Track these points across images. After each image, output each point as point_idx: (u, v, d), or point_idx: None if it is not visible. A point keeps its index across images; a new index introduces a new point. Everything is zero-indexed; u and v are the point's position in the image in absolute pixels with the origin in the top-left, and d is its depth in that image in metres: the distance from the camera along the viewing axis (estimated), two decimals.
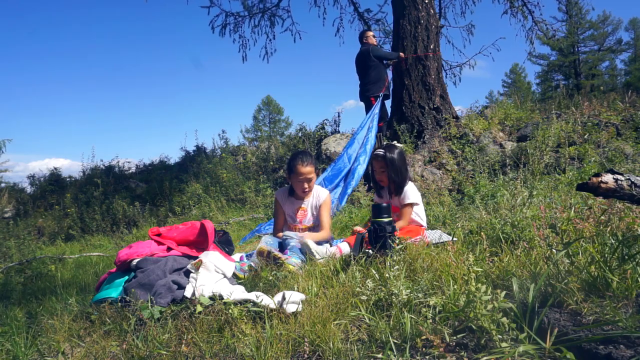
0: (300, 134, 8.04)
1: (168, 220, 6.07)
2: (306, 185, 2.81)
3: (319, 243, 2.64)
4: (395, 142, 5.52)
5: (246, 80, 78.64)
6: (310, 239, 2.50)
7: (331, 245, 2.70)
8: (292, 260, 2.30)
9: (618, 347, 1.10)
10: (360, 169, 5.26)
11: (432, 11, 6.64)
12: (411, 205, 2.79)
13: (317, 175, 2.90)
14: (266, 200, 5.76)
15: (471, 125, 6.10)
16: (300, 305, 1.64)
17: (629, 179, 1.46)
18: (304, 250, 2.44)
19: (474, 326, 1.25)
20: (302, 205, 2.91)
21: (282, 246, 2.70)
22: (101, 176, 8.37)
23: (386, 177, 2.85)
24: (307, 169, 2.77)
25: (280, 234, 2.78)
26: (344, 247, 2.52)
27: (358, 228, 2.79)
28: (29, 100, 74.17)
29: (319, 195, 2.91)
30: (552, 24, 8.57)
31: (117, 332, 1.69)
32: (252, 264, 2.36)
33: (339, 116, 8.07)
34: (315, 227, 2.92)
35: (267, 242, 2.64)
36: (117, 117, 73.81)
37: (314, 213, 2.91)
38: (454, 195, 4.42)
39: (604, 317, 1.25)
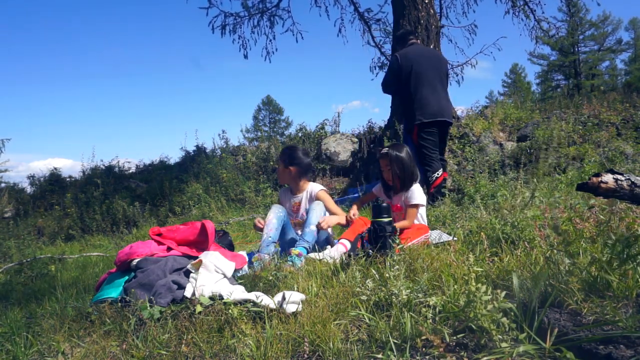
0: (300, 134, 8.05)
1: (168, 220, 6.07)
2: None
3: (319, 237, 2.84)
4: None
5: (246, 80, 78.73)
6: (327, 220, 2.75)
7: (332, 246, 2.71)
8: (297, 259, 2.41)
9: (618, 347, 1.10)
10: None
11: (432, 11, 6.63)
12: (417, 206, 2.79)
13: (291, 171, 3.00)
14: (266, 200, 5.77)
15: (471, 125, 6.10)
16: (300, 305, 1.64)
17: (629, 179, 1.45)
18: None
19: (474, 326, 1.25)
20: (296, 200, 3.10)
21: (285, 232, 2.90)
22: (101, 176, 8.37)
23: (391, 174, 2.86)
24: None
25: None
26: (347, 244, 2.57)
27: (353, 212, 2.82)
28: (31, 99, 74.28)
29: (312, 190, 3.06)
30: (554, 23, 8.52)
31: (117, 332, 1.69)
32: (266, 254, 2.47)
33: (338, 116, 8.09)
34: None
35: (277, 212, 2.83)
36: (117, 117, 73.90)
37: (307, 207, 3.01)
38: (454, 195, 4.41)
39: (604, 317, 1.25)
